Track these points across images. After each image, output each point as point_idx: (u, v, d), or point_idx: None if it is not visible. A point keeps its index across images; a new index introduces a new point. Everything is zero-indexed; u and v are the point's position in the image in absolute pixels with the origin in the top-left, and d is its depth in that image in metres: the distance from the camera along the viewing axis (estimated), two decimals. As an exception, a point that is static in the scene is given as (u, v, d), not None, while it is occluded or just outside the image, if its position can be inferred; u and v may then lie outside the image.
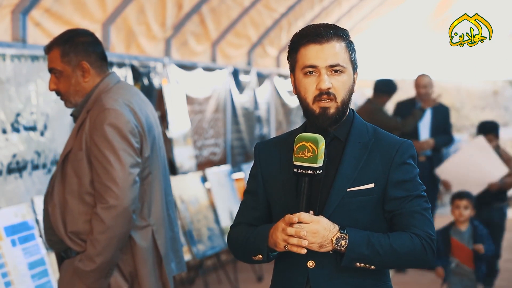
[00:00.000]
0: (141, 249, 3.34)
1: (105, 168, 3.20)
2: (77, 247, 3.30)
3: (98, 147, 3.22)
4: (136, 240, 3.34)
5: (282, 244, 2.32)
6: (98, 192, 3.22)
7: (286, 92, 10.13)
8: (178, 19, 6.88)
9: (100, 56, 3.40)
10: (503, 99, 11.97)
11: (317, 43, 2.38)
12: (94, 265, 3.24)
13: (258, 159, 2.54)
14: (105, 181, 3.20)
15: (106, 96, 3.32)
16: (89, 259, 3.24)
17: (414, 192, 2.41)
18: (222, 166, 7.72)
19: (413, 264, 2.45)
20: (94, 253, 3.23)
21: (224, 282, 7.13)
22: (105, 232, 3.21)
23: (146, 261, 3.35)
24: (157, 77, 6.66)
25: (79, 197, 3.28)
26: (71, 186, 3.28)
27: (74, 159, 3.28)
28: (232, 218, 7.01)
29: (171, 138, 6.80)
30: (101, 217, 3.20)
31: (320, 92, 2.37)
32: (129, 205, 3.23)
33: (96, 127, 3.23)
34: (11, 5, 4.91)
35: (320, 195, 2.38)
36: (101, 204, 3.21)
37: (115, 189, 3.19)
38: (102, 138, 3.21)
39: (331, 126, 2.41)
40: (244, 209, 2.56)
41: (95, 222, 3.22)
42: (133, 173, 3.25)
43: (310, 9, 9.26)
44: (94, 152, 3.23)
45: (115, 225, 3.21)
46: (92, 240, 3.23)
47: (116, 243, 3.26)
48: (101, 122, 3.22)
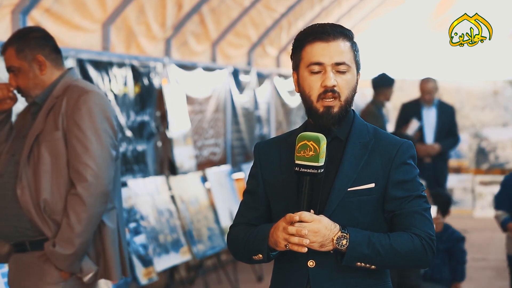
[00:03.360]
0: (110, 229, 3.38)
1: (86, 146, 3.27)
2: (46, 229, 3.29)
3: (80, 126, 3.28)
4: (105, 221, 3.37)
5: (283, 243, 2.32)
6: (77, 171, 3.27)
7: (286, 92, 10.13)
8: (178, 19, 6.88)
9: (54, 49, 3.47)
10: (503, 99, 11.96)
11: (323, 41, 2.38)
12: (73, 248, 3.25)
13: (258, 159, 2.54)
14: (84, 159, 3.25)
15: (80, 83, 3.43)
16: (67, 241, 3.25)
17: (414, 192, 2.42)
18: (222, 166, 7.72)
19: (413, 264, 2.45)
20: (73, 235, 3.24)
21: (224, 282, 7.13)
22: (85, 211, 3.24)
23: (113, 242, 3.40)
24: (157, 77, 6.65)
25: (54, 177, 3.31)
26: (45, 167, 3.31)
27: (49, 139, 3.32)
28: (232, 218, 7.01)
29: (171, 138, 6.80)
30: (81, 196, 3.23)
31: (325, 90, 2.37)
32: (107, 184, 3.29)
33: (79, 107, 3.30)
34: (11, 5, 4.91)
35: (321, 195, 2.38)
36: (80, 183, 3.25)
37: (94, 167, 3.26)
38: (85, 118, 3.29)
39: (334, 125, 2.40)
40: (244, 209, 2.56)
41: (74, 202, 3.25)
42: (112, 153, 3.33)
43: (310, 9, 9.26)
44: (74, 132, 3.29)
45: (94, 203, 3.25)
46: (70, 222, 3.24)
47: (95, 223, 3.30)
48: (85, 102, 3.31)
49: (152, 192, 6.15)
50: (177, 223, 6.34)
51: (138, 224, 5.78)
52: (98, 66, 5.73)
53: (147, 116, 6.50)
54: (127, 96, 6.16)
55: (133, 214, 5.76)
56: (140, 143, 6.39)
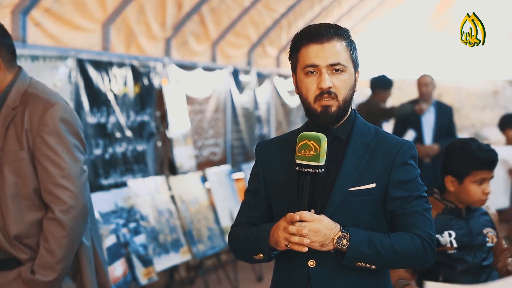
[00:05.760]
0: (86, 247, 3.15)
1: (60, 166, 2.98)
2: (20, 253, 3.03)
3: (49, 144, 2.99)
4: (82, 238, 3.14)
5: (283, 242, 2.32)
6: (53, 194, 2.99)
7: (286, 92, 10.12)
8: (178, 19, 6.88)
9: (10, 50, 3.15)
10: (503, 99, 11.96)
11: (317, 43, 2.39)
12: (55, 274, 3.01)
13: (259, 159, 2.55)
14: (60, 181, 2.98)
15: (37, 90, 3.09)
16: (48, 268, 3.00)
17: (415, 192, 2.42)
18: (222, 166, 7.72)
19: (413, 264, 2.46)
20: (54, 261, 3.00)
21: (224, 282, 7.13)
22: (66, 237, 2.99)
23: (90, 261, 3.18)
24: (157, 77, 6.65)
25: (23, 199, 3.02)
26: (11, 189, 3.01)
27: (14, 160, 3.01)
28: (232, 218, 7.01)
29: (171, 138, 6.80)
30: (61, 221, 2.98)
31: (321, 92, 2.38)
32: (86, 204, 3.04)
33: (46, 123, 2.99)
34: (11, 5, 4.91)
35: (322, 194, 2.39)
36: (58, 206, 2.98)
37: (72, 188, 2.99)
38: (54, 135, 2.99)
39: (333, 124, 2.41)
40: (245, 208, 2.57)
41: (53, 227, 2.99)
42: (85, 170, 3.08)
43: (310, 9, 9.26)
44: (43, 151, 2.99)
45: (75, 227, 3.01)
46: (50, 248, 2.99)
47: (76, 246, 3.06)
48: (52, 117, 2.99)
49: (152, 192, 6.15)
50: (177, 223, 6.34)
51: (138, 224, 5.78)
52: (98, 66, 5.73)
53: (147, 116, 6.50)
54: (127, 96, 6.16)
55: (133, 214, 5.76)
56: (140, 143, 6.39)
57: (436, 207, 3.28)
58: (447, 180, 3.31)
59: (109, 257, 5.26)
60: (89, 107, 5.61)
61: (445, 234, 3.24)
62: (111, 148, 5.94)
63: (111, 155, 5.93)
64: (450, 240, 3.23)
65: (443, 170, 3.34)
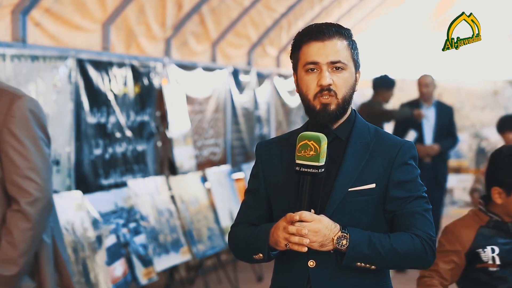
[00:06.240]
0: (46, 245, 3.10)
1: (26, 158, 2.95)
2: None
3: (16, 136, 2.94)
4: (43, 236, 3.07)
5: (283, 242, 2.32)
6: (18, 186, 2.94)
7: (286, 92, 10.12)
8: (178, 19, 6.88)
9: None
10: (503, 99, 11.94)
11: (319, 40, 2.39)
12: (17, 268, 2.95)
13: (259, 159, 2.55)
14: (26, 172, 2.94)
15: (2, 86, 3.05)
16: (10, 262, 2.95)
17: (415, 192, 2.42)
18: (222, 166, 7.72)
19: (413, 264, 2.46)
20: (16, 255, 2.94)
21: (224, 282, 7.13)
22: (31, 229, 2.95)
23: (49, 259, 3.13)
24: (157, 77, 6.65)
25: None
26: None
27: None
28: (232, 218, 7.01)
29: (171, 138, 6.80)
30: (26, 213, 2.93)
31: (321, 89, 2.38)
32: (51, 197, 3.01)
33: (13, 115, 2.95)
34: (11, 5, 4.91)
35: (322, 194, 2.39)
36: (24, 198, 2.94)
37: (39, 180, 2.96)
38: (21, 126, 2.96)
39: (331, 123, 2.41)
40: (245, 208, 2.57)
41: (18, 220, 2.94)
42: (51, 164, 3.06)
43: (310, 9, 9.25)
44: (10, 142, 2.95)
45: (40, 220, 2.97)
46: (13, 241, 2.94)
47: (38, 240, 3.01)
48: (19, 109, 2.96)
49: (152, 192, 6.15)
50: (177, 223, 6.34)
51: (138, 224, 5.78)
52: (98, 66, 5.73)
53: (147, 116, 6.50)
54: (127, 96, 6.16)
55: (133, 214, 5.76)
56: (140, 143, 6.39)
57: (479, 219, 3.09)
58: (493, 192, 3.05)
59: (109, 257, 5.26)
60: (89, 107, 5.61)
61: (487, 249, 3.02)
62: (111, 148, 5.94)
63: (111, 155, 5.94)
64: (492, 256, 3.02)
65: (490, 180, 3.09)
